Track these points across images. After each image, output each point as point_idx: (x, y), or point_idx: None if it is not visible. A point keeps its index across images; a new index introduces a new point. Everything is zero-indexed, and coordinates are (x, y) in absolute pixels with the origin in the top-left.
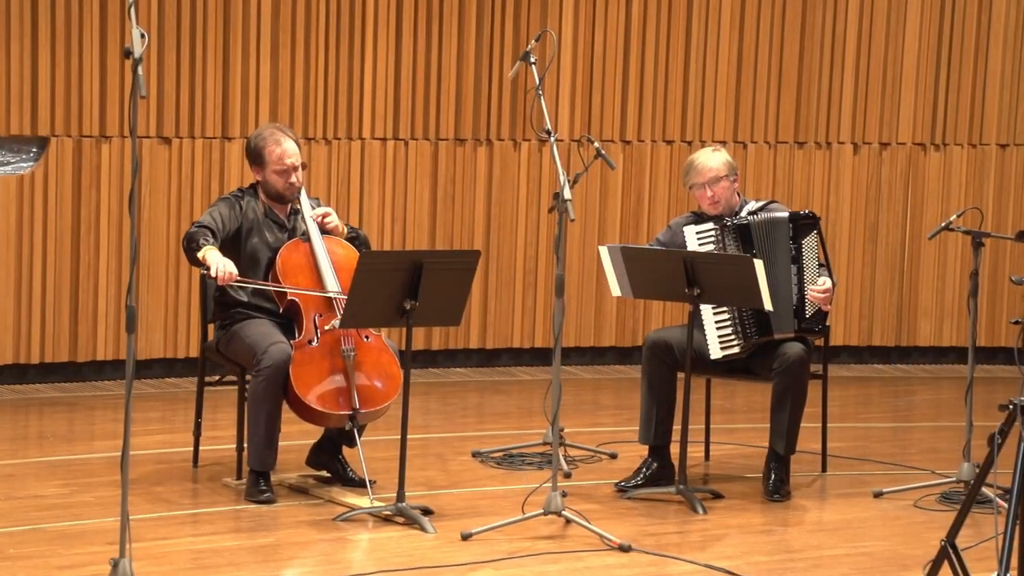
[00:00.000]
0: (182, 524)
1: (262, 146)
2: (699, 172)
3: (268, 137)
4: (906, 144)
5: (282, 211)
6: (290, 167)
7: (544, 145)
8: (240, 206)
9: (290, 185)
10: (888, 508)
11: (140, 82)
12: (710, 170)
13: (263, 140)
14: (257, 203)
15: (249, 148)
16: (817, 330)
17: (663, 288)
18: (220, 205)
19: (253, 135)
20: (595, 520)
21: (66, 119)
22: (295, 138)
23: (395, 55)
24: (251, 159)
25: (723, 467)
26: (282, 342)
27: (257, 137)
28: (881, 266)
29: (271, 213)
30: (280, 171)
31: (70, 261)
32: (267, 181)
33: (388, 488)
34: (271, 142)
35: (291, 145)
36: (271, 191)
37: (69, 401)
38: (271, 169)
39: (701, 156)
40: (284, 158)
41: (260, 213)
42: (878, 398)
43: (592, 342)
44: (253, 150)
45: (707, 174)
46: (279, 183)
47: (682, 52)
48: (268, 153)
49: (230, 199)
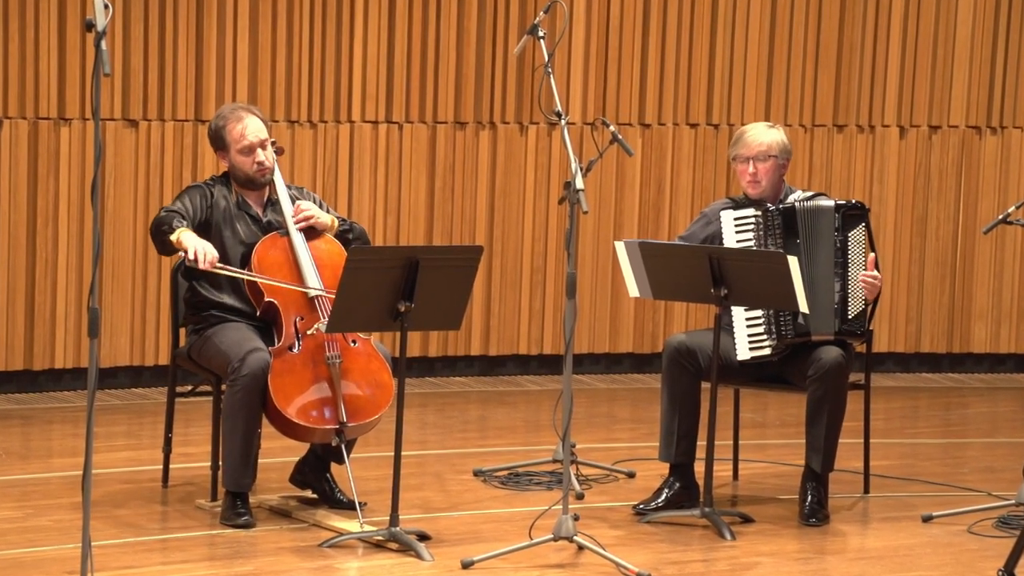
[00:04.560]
0: (150, 551)
1: (222, 125)
2: (747, 144)
3: (228, 115)
4: (959, 127)
5: (257, 202)
6: (255, 143)
7: (554, 129)
8: (211, 194)
9: (259, 165)
10: (938, 534)
11: (103, 58)
12: (760, 144)
13: (223, 119)
14: (230, 193)
15: (211, 132)
16: (859, 332)
17: (686, 288)
18: (190, 192)
19: (213, 118)
20: (610, 547)
21: (20, 99)
22: (260, 115)
23: (388, 28)
24: (214, 143)
25: (753, 488)
26: (260, 349)
27: (217, 118)
28: (930, 263)
29: (244, 204)
30: (244, 149)
31: (25, 258)
32: (234, 165)
33: (380, 511)
34: (231, 120)
35: (254, 121)
36: (240, 176)
37: (24, 414)
38: (234, 149)
39: (754, 128)
40: (246, 134)
41: (232, 204)
42: (927, 411)
43: (607, 348)
44: (214, 132)
45: (755, 148)
46: (246, 164)
47: (708, 24)
48: (228, 132)
49: (201, 187)
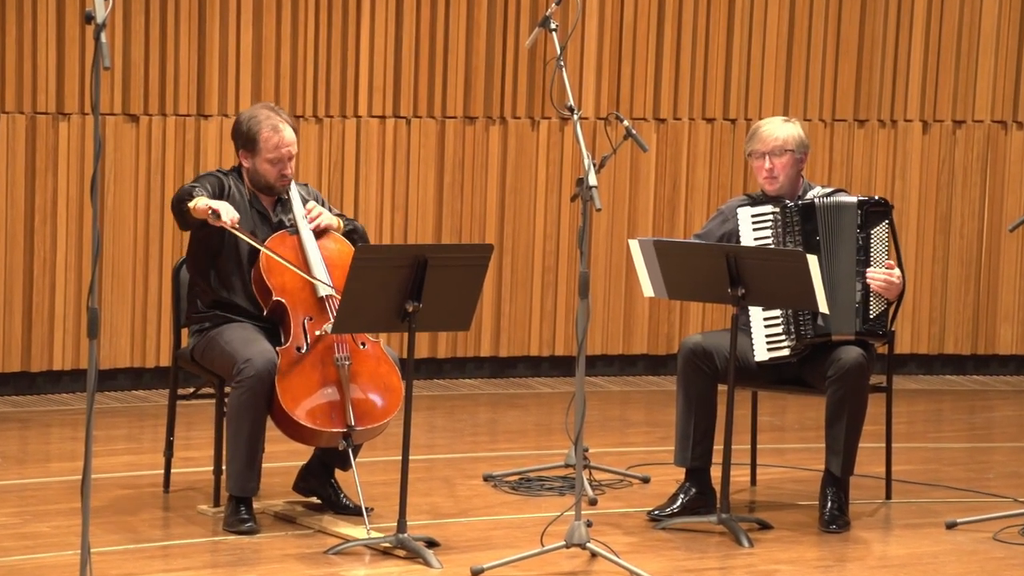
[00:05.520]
0: (151, 558)
1: (256, 131)
2: (762, 139)
3: (264, 121)
4: (984, 122)
5: (268, 201)
6: (285, 156)
7: (566, 124)
8: (227, 185)
9: (283, 177)
10: (963, 541)
11: (103, 51)
12: (775, 139)
13: (258, 124)
14: (243, 188)
15: (240, 130)
16: (881, 333)
17: (702, 288)
18: (208, 178)
19: (245, 116)
20: (624, 554)
21: (18, 93)
22: (293, 124)
23: (395, 20)
24: (241, 143)
25: (772, 493)
26: (267, 349)
27: (251, 120)
28: (954, 262)
29: (256, 202)
30: (274, 160)
31: (23, 256)
32: (257, 170)
33: (387, 517)
34: (267, 127)
35: (290, 133)
36: (260, 182)
37: (21, 417)
38: (264, 158)
39: (770, 123)
40: (281, 147)
41: (245, 199)
42: (951, 414)
43: (621, 349)
44: (245, 134)
45: (771, 143)
46: (271, 173)
47: (725, 15)
48: (263, 140)
49: (216, 176)
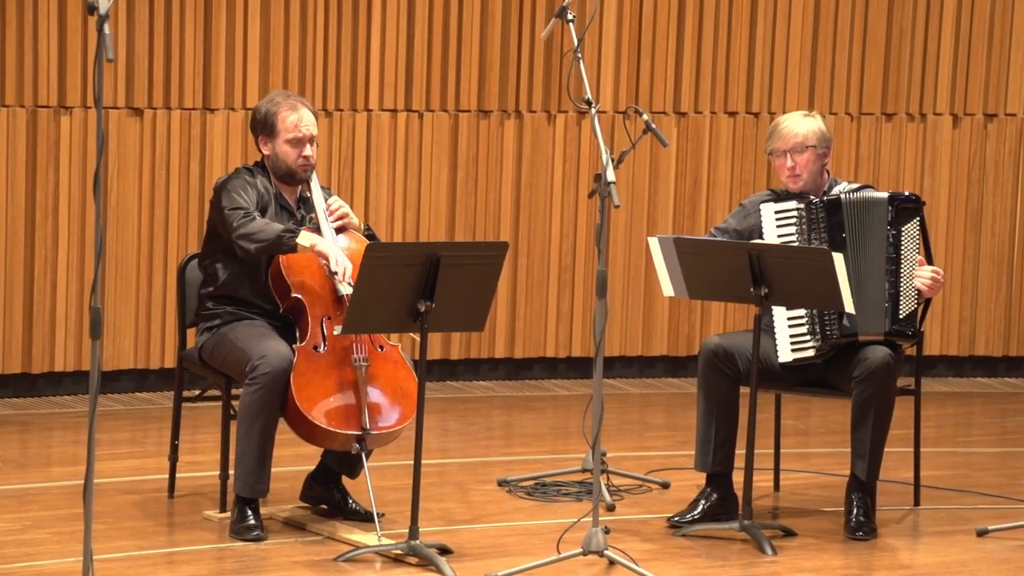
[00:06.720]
0: (155, 565)
1: (274, 111)
2: (782, 136)
3: (282, 103)
4: (1016, 115)
5: (291, 196)
6: (306, 136)
7: (583, 118)
8: (255, 185)
9: (304, 159)
10: (994, 549)
11: (106, 43)
12: (795, 136)
13: (276, 105)
14: (269, 183)
15: (258, 116)
16: (911, 334)
17: (724, 287)
18: (239, 187)
19: (263, 102)
20: (643, 562)
21: (18, 86)
22: (313, 109)
23: (407, 11)
24: (260, 128)
25: (796, 499)
26: (282, 347)
27: (268, 103)
28: (986, 260)
29: (280, 198)
30: (294, 140)
31: (23, 254)
32: (277, 155)
33: (399, 523)
34: (285, 107)
35: (308, 114)
36: (281, 167)
37: (22, 420)
38: (283, 139)
39: (788, 119)
40: (300, 125)
41: (272, 194)
42: (981, 418)
43: (640, 351)
44: (263, 117)
45: (791, 140)
46: (291, 156)
47: (748, 5)
48: (281, 120)
49: (242, 179)
